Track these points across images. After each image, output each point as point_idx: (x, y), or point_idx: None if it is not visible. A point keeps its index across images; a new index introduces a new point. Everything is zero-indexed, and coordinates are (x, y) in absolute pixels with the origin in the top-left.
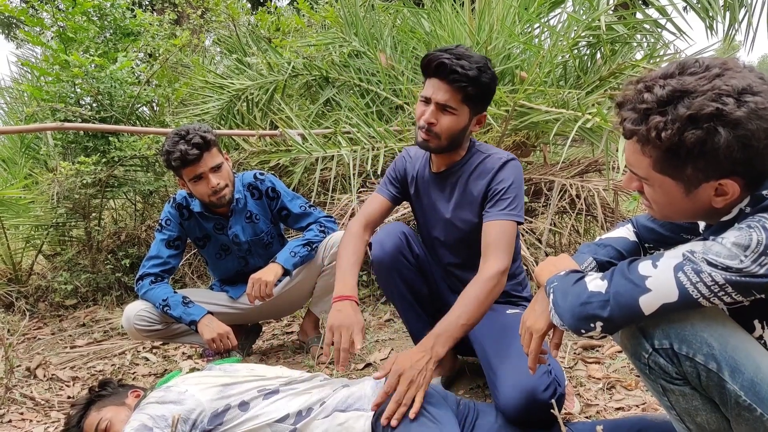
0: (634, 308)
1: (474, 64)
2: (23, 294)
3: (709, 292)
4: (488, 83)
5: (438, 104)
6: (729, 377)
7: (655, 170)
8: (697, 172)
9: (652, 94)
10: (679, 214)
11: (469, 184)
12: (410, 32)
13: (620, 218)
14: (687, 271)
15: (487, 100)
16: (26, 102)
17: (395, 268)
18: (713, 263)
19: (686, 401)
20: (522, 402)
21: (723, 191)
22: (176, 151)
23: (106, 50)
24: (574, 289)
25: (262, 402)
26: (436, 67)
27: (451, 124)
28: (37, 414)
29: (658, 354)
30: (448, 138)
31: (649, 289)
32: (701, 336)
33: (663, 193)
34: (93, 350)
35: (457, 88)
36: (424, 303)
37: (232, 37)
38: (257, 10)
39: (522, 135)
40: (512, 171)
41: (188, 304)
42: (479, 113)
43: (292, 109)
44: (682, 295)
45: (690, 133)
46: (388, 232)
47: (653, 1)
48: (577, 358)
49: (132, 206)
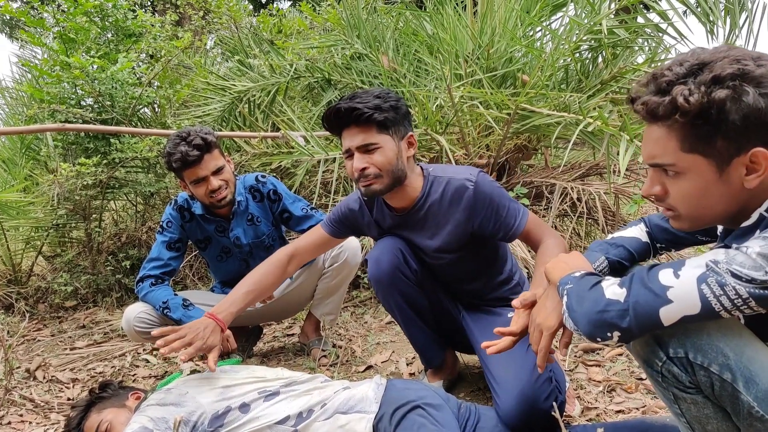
0: (653, 319)
1: (370, 95)
2: (23, 295)
3: (732, 305)
4: (394, 104)
5: (359, 148)
6: (743, 388)
7: (684, 150)
8: (728, 143)
9: (671, 72)
10: (712, 205)
11: (444, 215)
12: (412, 35)
13: (621, 221)
14: (711, 283)
15: (403, 120)
16: (27, 103)
17: (393, 285)
18: (738, 275)
19: (698, 409)
20: (522, 410)
21: (755, 166)
22: (177, 153)
23: (107, 51)
24: (590, 294)
25: (263, 404)
26: (337, 119)
27: (381, 157)
28: (36, 416)
29: (672, 362)
30: (387, 172)
31: (670, 300)
32: (717, 346)
33: (694, 180)
34: (93, 352)
35: (366, 123)
36: (425, 314)
37: (234, 38)
38: (259, 12)
39: (523, 138)
40: (485, 191)
41: (188, 306)
42: (403, 136)
43: (294, 111)
44: (704, 308)
45: (718, 91)
46: (383, 249)
47: (654, 6)
48: (578, 361)
49: (133, 208)
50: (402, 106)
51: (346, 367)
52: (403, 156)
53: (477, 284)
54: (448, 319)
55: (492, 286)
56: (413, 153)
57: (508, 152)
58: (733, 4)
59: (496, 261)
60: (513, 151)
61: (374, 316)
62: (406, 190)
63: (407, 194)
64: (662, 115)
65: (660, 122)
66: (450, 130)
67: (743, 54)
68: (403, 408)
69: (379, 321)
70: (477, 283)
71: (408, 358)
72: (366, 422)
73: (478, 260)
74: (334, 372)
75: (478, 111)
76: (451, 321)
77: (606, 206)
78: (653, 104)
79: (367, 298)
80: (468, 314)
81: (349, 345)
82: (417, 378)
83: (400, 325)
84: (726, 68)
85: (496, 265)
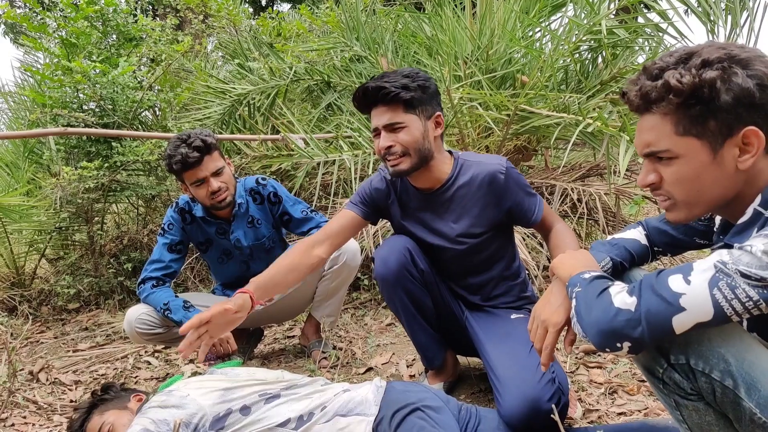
0: (666, 328)
1: (398, 75)
2: (26, 298)
3: (743, 308)
4: (422, 84)
5: (386, 127)
6: (745, 394)
7: (678, 134)
8: (720, 125)
9: (662, 61)
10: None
11: (472, 199)
12: (411, 37)
13: (622, 222)
14: (722, 287)
15: (431, 100)
16: (30, 107)
17: (400, 284)
18: (747, 275)
19: (699, 416)
20: (526, 412)
21: (747, 146)
22: (177, 155)
23: (108, 55)
24: (599, 303)
25: (264, 406)
26: (365, 98)
27: (407, 136)
28: (39, 418)
29: (673, 369)
30: (414, 151)
31: (683, 308)
32: (718, 352)
33: (689, 164)
34: (95, 354)
35: (393, 101)
36: (429, 314)
37: (234, 42)
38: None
39: (523, 139)
40: (515, 178)
41: (189, 308)
42: (431, 115)
43: (293, 114)
44: (717, 314)
45: (708, 72)
46: (391, 248)
47: (654, 5)
48: (579, 363)
49: (134, 210)
50: (431, 85)
51: (346, 369)
52: (430, 135)
53: (485, 277)
54: (452, 319)
55: (499, 279)
56: (440, 132)
57: (508, 153)
58: (734, 3)
59: (506, 253)
60: (513, 152)
61: (374, 318)
62: (432, 170)
63: (434, 175)
64: (656, 98)
65: (654, 107)
66: (449, 131)
67: (729, 44)
68: (403, 410)
69: (379, 323)
70: (486, 275)
71: (408, 360)
72: (366, 425)
73: (493, 249)
74: (334, 374)
75: (477, 112)
76: (454, 321)
77: (606, 207)
78: (647, 88)
79: (367, 300)
80: (471, 315)
81: (350, 347)
82: (417, 380)
83: (402, 323)
84: (713, 53)
85: (506, 257)
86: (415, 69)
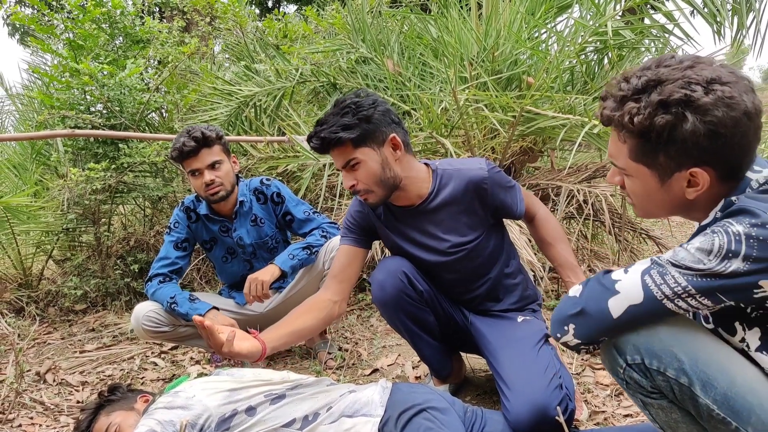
0: (603, 311)
1: (338, 115)
2: (33, 299)
3: (672, 293)
4: (365, 115)
5: (344, 167)
6: (701, 391)
7: (632, 159)
8: (669, 160)
9: (628, 84)
10: (657, 207)
11: (458, 207)
12: (417, 38)
13: (628, 223)
14: (653, 274)
15: (379, 126)
16: (37, 109)
17: (399, 308)
18: (677, 264)
19: (665, 414)
20: (533, 418)
21: (694, 182)
22: (177, 143)
23: (115, 57)
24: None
25: (269, 407)
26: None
27: (365, 172)
28: (46, 418)
29: (631, 369)
30: (376, 184)
31: (617, 291)
32: (670, 351)
33: (640, 184)
34: (102, 355)
35: (340, 144)
36: (432, 329)
37: (240, 44)
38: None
39: (529, 140)
40: (496, 177)
41: (194, 300)
42: (383, 142)
43: (299, 116)
44: (647, 297)
45: (660, 117)
46: (387, 271)
47: (660, 6)
48: (585, 365)
49: (141, 212)
50: (376, 111)
51: (352, 370)
52: (390, 162)
53: (488, 283)
54: (455, 328)
55: (501, 278)
56: (400, 154)
57: (514, 155)
58: (740, 5)
59: (503, 251)
60: (519, 154)
61: (380, 320)
62: (408, 190)
63: (412, 194)
64: (615, 125)
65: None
66: (455, 132)
67: (701, 75)
68: (408, 411)
69: (385, 324)
70: (487, 280)
71: (414, 361)
72: (372, 425)
73: (489, 250)
74: (340, 375)
75: (483, 114)
76: (457, 329)
77: (612, 208)
78: (606, 117)
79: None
80: (477, 319)
81: (355, 348)
82: (423, 381)
83: (407, 341)
84: (674, 93)
85: (503, 255)
86: (355, 99)
